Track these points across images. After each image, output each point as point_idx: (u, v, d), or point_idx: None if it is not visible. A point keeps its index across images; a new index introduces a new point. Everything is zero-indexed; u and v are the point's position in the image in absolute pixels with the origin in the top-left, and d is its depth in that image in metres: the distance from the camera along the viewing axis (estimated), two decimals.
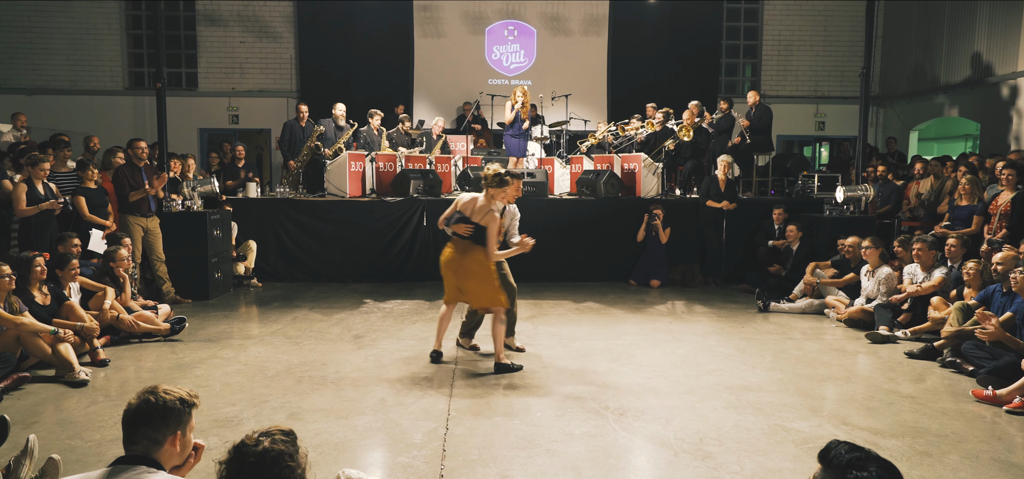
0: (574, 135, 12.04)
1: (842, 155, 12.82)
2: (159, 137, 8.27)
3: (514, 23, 14.25)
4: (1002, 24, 11.25)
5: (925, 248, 6.51)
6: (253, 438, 1.96)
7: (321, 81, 13.76)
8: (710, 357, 5.60)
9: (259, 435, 1.97)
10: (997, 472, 3.53)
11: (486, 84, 13.76)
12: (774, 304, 7.40)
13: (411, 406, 4.37)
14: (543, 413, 4.26)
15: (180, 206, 7.98)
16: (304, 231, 8.93)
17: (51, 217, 6.78)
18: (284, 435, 1.99)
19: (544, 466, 3.52)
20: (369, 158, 9.58)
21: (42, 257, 5.35)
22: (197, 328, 6.41)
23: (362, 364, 5.29)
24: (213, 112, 14.08)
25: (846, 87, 14.47)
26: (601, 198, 8.96)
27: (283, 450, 1.94)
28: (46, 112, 12.90)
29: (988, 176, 7.97)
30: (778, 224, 8.64)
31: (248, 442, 1.95)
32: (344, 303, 7.58)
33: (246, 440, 1.96)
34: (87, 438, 3.83)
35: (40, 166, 6.60)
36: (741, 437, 3.91)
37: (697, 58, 14.20)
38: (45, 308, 5.22)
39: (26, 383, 4.77)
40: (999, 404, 4.46)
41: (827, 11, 14.50)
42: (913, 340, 6.15)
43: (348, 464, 3.49)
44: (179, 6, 13.99)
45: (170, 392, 2.17)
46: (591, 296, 8.08)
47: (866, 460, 1.72)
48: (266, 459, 1.91)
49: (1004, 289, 5.33)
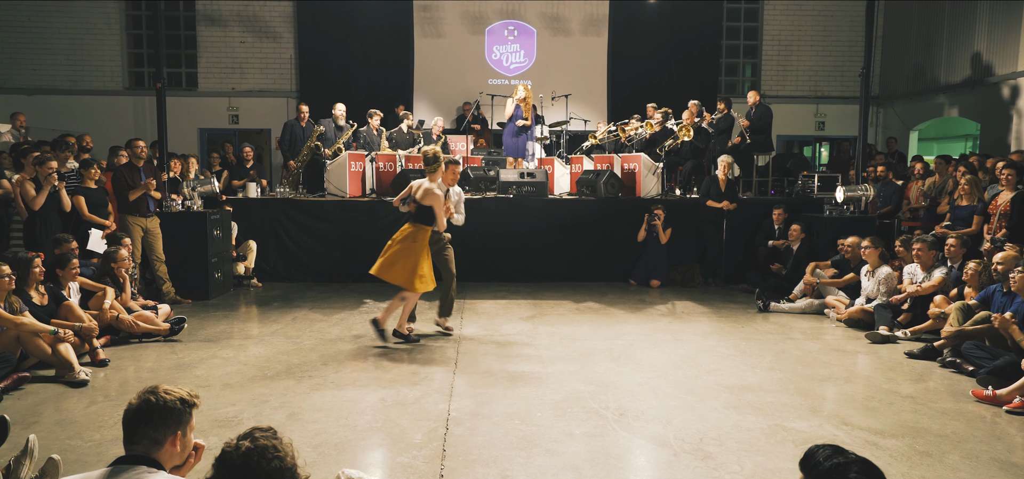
0: (574, 135, 12.04)
1: (842, 155, 12.81)
2: (159, 137, 8.27)
3: (514, 23, 14.25)
4: (1002, 24, 11.25)
5: (925, 248, 6.51)
6: (233, 443, 1.95)
7: (321, 81, 13.76)
8: (710, 357, 5.60)
9: (238, 439, 1.96)
10: (997, 472, 3.53)
11: (486, 84, 13.75)
12: (774, 304, 7.40)
13: (411, 406, 4.37)
14: (543, 413, 4.26)
15: (180, 206, 7.98)
16: (304, 231, 8.93)
17: (54, 216, 6.79)
18: (263, 431, 1.98)
19: (544, 466, 3.52)
20: (369, 158, 9.58)
21: (40, 257, 5.35)
22: (197, 328, 6.41)
23: (362, 364, 5.29)
24: (213, 112, 14.07)
25: (846, 87, 14.47)
26: (601, 198, 8.96)
27: (266, 445, 1.93)
28: (46, 112, 12.90)
29: (989, 176, 7.97)
30: (778, 224, 8.64)
31: (228, 448, 1.94)
32: (344, 303, 7.58)
33: (226, 447, 1.94)
34: (87, 438, 3.83)
35: (48, 166, 6.62)
36: (741, 437, 3.91)
37: (697, 58, 14.19)
38: (43, 308, 5.22)
39: (26, 383, 4.77)
40: (999, 404, 4.46)
41: (827, 11, 14.50)
42: (913, 340, 6.15)
43: (348, 464, 3.49)
44: (179, 6, 13.98)
45: (170, 392, 2.17)
46: (591, 296, 8.08)
47: (845, 467, 1.69)
48: (251, 458, 1.90)
49: (1004, 289, 5.33)
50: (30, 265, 5.20)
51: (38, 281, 5.28)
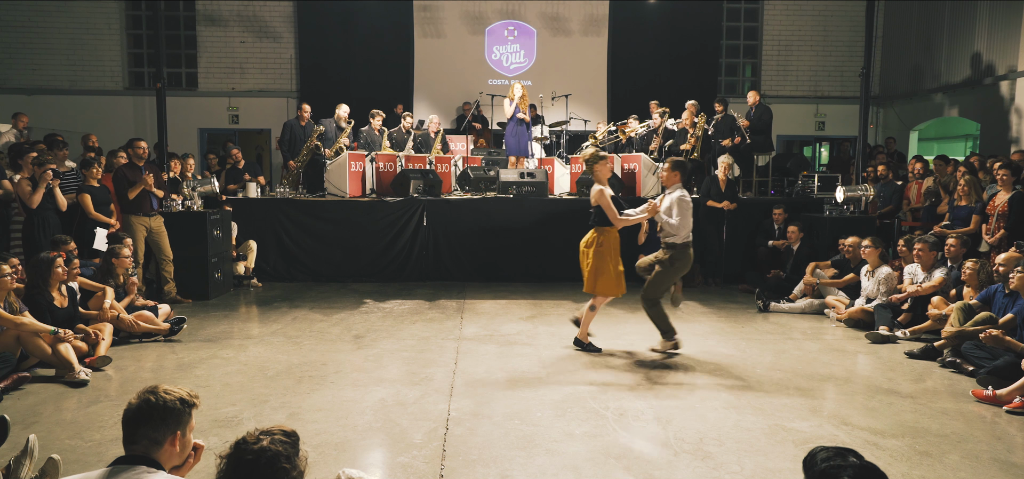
0: (574, 135, 12.03)
1: (842, 155, 12.81)
2: (159, 137, 8.28)
3: (514, 23, 14.25)
4: (1002, 24, 11.25)
5: (926, 248, 6.51)
6: (254, 436, 1.96)
7: (321, 81, 13.76)
8: (710, 357, 5.59)
9: (260, 433, 1.97)
10: (997, 472, 3.53)
11: (486, 84, 13.76)
12: (774, 304, 7.40)
13: (411, 406, 4.37)
14: (543, 413, 4.26)
15: (180, 206, 7.98)
16: (304, 231, 8.93)
17: (52, 216, 6.79)
18: (285, 436, 1.99)
19: (544, 466, 3.52)
20: (369, 158, 9.57)
21: (61, 257, 5.34)
22: (197, 328, 6.41)
23: (362, 364, 5.28)
24: (213, 112, 14.07)
25: (846, 87, 14.47)
26: None
27: (280, 451, 1.93)
28: (46, 112, 12.89)
29: (989, 177, 7.97)
30: (778, 224, 8.64)
31: (248, 439, 1.95)
32: (344, 303, 7.58)
33: (247, 437, 1.96)
34: (87, 438, 3.83)
35: (47, 168, 6.62)
36: (741, 437, 3.91)
37: (697, 58, 14.19)
38: (62, 310, 5.22)
39: (26, 383, 4.77)
40: (999, 404, 4.46)
41: (827, 11, 14.50)
42: (913, 340, 6.15)
43: (348, 464, 3.48)
44: (179, 6, 13.98)
45: (170, 392, 2.17)
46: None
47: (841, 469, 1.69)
48: (262, 459, 1.91)
49: (1006, 290, 5.32)
50: (52, 266, 5.18)
51: (61, 281, 5.28)
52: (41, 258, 5.23)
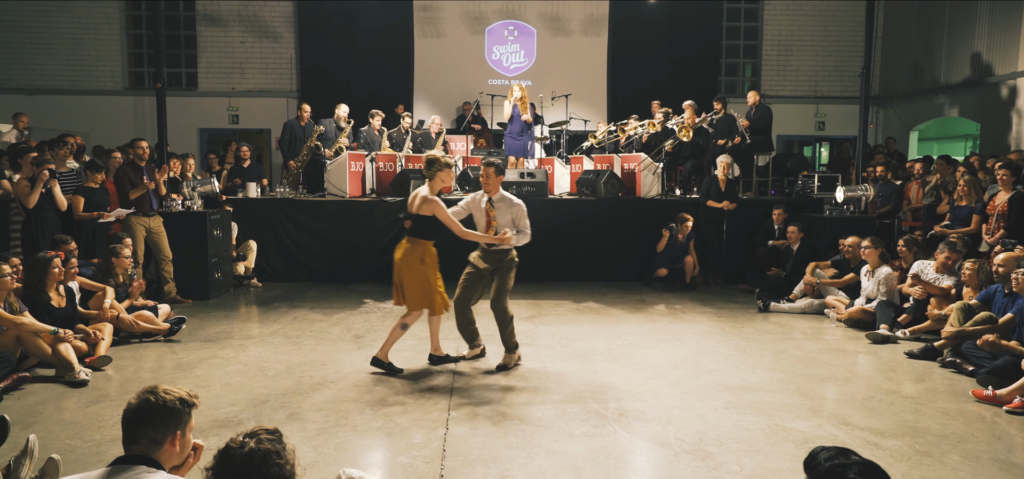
0: (574, 135, 12.03)
1: (842, 155, 12.81)
2: (159, 137, 8.28)
3: (514, 23, 14.25)
4: (1002, 24, 11.25)
5: (953, 255, 6.30)
6: (238, 440, 1.94)
7: (321, 81, 13.77)
8: (710, 357, 5.60)
9: (244, 437, 1.96)
10: (997, 472, 3.53)
11: (486, 84, 13.76)
12: (774, 304, 7.40)
13: (411, 406, 4.37)
14: (543, 413, 4.26)
15: (180, 206, 7.98)
16: (304, 231, 8.93)
17: (50, 216, 6.79)
18: (269, 434, 1.98)
19: (544, 466, 3.52)
20: (369, 158, 9.58)
21: (59, 257, 5.34)
22: (197, 328, 6.41)
23: (362, 364, 5.28)
24: (213, 112, 14.08)
25: (846, 87, 14.48)
26: (601, 198, 8.95)
27: (270, 448, 1.93)
28: (46, 112, 12.91)
29: (990, 177, 7.97)
30: (778, 224, 8.63)
31: (233, 445, 1.93)
32: (344, 303, 7.58)
33: (231, 443, 1.94)
34: (87, 438, 3.83)
35: (44, 167, 6.62)
36: (741, 437, 3.91)
37: (697, 58, 14.20)
38: (60, 310, 5.22)
39: (26, 383, 4.77)
40: (999, 404, 4.46)
41: (827, 11, 14.50)
42: (913, 340, 6.15)
43: (348, 464, 3.48)
44: (179, 6, 13.99)
45: (170, 392, 2.17)
46: (591, 296, 8.07)
47: (846, 467, 1.69)
48: (253, 459, 1.90)
49: (1006, 290, 5.32)
50: (49, 266, 5.18)
51: (58, 281, 5.28)
52: (37, 258, 5.23)
